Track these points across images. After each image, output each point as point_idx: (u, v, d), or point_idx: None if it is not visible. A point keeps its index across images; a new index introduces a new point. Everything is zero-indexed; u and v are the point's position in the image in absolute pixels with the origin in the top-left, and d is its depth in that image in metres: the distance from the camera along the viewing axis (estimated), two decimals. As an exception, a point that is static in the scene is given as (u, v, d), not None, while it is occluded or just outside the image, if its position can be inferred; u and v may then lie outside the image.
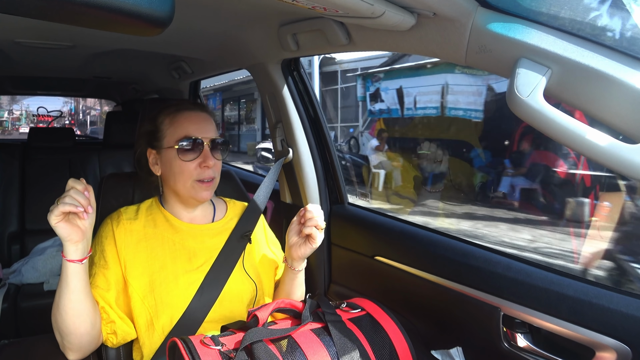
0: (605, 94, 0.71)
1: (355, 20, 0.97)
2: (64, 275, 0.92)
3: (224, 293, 1.08)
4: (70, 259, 0.90)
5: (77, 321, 0.94)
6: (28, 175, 2.65)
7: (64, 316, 0.93)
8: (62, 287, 0.92)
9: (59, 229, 0.87)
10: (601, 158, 0.70)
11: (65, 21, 0.53)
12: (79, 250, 0.90)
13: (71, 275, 0.91)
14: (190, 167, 1.08)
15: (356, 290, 1.51)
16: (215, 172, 1.11)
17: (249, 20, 1.35)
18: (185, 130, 1.08)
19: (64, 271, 0.91)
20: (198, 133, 1.08)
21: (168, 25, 0.57)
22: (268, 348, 0.83)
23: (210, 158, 1.08)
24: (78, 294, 0.93)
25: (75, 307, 0.93)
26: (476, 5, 0.83)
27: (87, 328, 0.96)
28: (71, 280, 0.91)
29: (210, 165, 1.08)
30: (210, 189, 1.11)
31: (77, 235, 0.89)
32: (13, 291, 2.07)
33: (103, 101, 25.90)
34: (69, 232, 0.88)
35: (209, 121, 1.13)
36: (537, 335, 1.03)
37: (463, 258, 1.17)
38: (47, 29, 1.48)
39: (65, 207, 0.85)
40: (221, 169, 1.16)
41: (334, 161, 1.64)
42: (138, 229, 1.10)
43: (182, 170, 1.08)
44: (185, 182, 1.09)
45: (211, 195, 1.12)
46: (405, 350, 0.93)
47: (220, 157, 1.12)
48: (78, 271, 0.92)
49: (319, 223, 1.06)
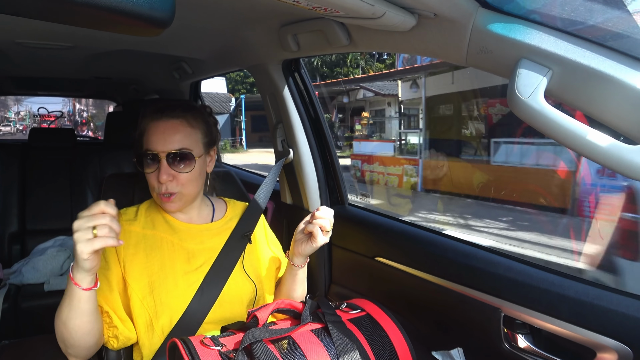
0: (606, 94, 0.71)
1: (355, 21, 0.97)
2: (75, 302, 0.88)
3: (223, 294, 1.08)
4: (86, 287, 0.87)
5: (86, 338, 0.94)
6: (28, 176, 2.65)
7: (73, 334, 0.92)
8: (72, 310, 0.89)
9: (90, 262, 0.82)
10: (602, 159, 0.70)
11: (66, 22, 0.53)
12: (94, 277, 0.88)
13: (84, 302, 0.88)
14: (152, 180, 1.07)
15: (357, 291, 1.51)
16: (176, 186, 1.06)
17: (250, 20, 1.35)
18: (147, 142, 1.06)
19: (74, 297, 0.87)
20: (155, 146, 1.04)
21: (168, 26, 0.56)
22: (268, 348, 0.83)
23: (164, 172, 1.03)
24: (90, 316, 0.91)
25: (85, 327, 0.92)
26: (477, 6, 0.83)
27: (96, 340, 0.97)
28: (84, 305, 0.89)
29: (163, 181, 1.04)
30: (175, 203, 1.08)
31: (98, 264, 0.86)
32: (13, 291, 2.07)
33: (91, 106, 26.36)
34: (95, 264, 0.84)
35: (176, 129, 1.06)
36: (537, 336, 1.03)
37: (464, 259, 1.17)
38: (47, 29, 1.48)
39: (107, 241, 0.81)
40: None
41: (334, 161, 1.64)
42: (137, 230, 1.10)
43: (148, 181, 1.08)
44: (152, 193, 1.10)
45: (179, 207, 1.10)
46: (405, 351, 0.93)
47: (184, 170, 1.06)
48: (92, 297, 0.90)
49: (324, 224, 1.06)
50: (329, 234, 1.08)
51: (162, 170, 1.04)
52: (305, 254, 1.13)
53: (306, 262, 1.16)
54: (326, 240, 1.08)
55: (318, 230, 1.06)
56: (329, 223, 1.07)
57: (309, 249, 1.09)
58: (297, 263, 1.14)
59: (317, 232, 1.06)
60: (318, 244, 1.07)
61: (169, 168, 1.04)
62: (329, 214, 1.08)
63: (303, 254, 1.12)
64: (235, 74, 22.64)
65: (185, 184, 1.07)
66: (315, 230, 1.06)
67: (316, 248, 1.09)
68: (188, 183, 1.08)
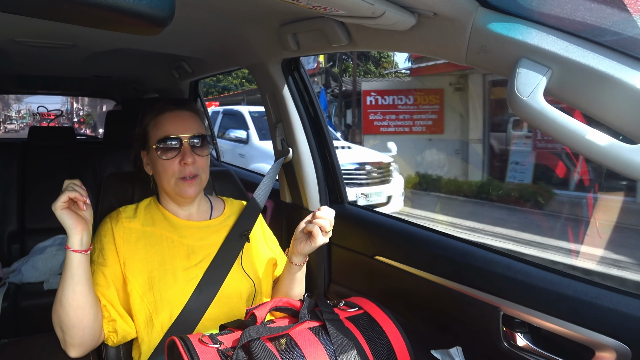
0: (606, 94, 0.71)
1: (355, 20, 0.97)
2: (68, 267, 0.94)
3: (222, 291, 1.09)
4: (76, 249, 0.93)
5: (80, 314, 0.95)
6: (28, 175, 2.65)
7: (67, 309, 0.94)
8: (66, 279, 0.94)
9: (64, 216, 0.91)
10: (601, 158, 0.70)
11: (66, 20, 0.53)
12: (84, 240, 0.93)
13: (76, 267, 0.93)
14: (172, 166, 1.09)
15: (356, 290, 1.51)
16: (197, 168, 1.11)
17: (250, 19, 1.35)
18: (165, 130, 1.10)
19: (68, 262, 0.94)
20: (176, 132, 1.10)
21: (168, 25, 0.57)
22: (266, 346, 0.83)
23: (189, 155, 1.09)
24: (82, 286, 0.95)
25: (79, 299, 0.94)
26: (476, 5, 0.83)
27: (90, 321, 0.97)
28: (76, 271, 0.94)
29: (189, 162, 1.08)
30: (195, 186, 1.11)
31: (82, 224, 0.92)
32: (13, 290, 2.07)
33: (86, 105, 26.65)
34: (74, 220, 0.92)
35: (191, 119, 1.13)
36: (536, 335, 1.03)
37: (463, 258, 1.18)
38: (47, 28, 1.48)
39: (71, 193, 0.90)
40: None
41: (333, 161, 1.64)
42: (137, 227, 1.10)
43: (165, 169, 1.10)
44: (169, 181, 1.10)
45: (197, 191, 1.12)
46: (403, 349, 0.93)
47: (203, 153, 1.12)
48: (82, 262, 0.94)
49: (324, 225, 1.06)
50: (328, 234, 1.08)
51: (187, 153, 1.09)
52: (304, 253, 1.13)
53: (305, 261, 1.16)
54: (325, 241, 1.08)
55: (318, 230, 1.06)
56: (329, 224, 1.07)
57: (308, 248, 1.10)
58: (295, 262, 1.15)
59: (316, 232, 1.06)
60: (317, 243, 1.07)
61: (192, 151, 1.09)
62: (329, 215, 1.07)
63: (302, 252, 1.12)
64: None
65: (204, 167, 1.13)
66: (314, 230, 1.06)
67: (315, 248, 1.09)
68: (205, 167, 1.14)
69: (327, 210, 1.08)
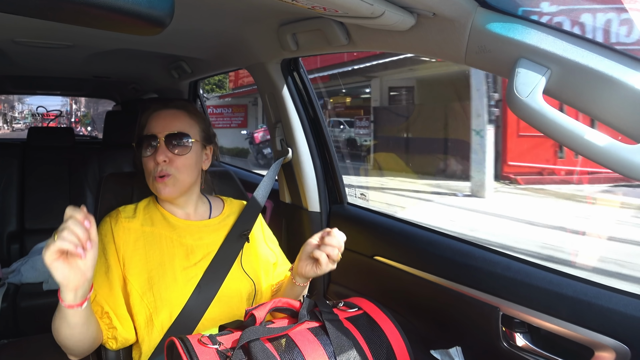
0: (605, 94, 0.71)
1: (355, 20, 0.97)
2: (62, 315, 0.84)
3: (222, 291, 1.09)
4: (69, 305, 0.81)
5: (78, 344, 0.94)
6: (27, 175, 2.65)
7: (66, 342, 0.92)
8: (61, 324, 0.87)
9: (54, 269, 0.75)
10: (600, 158, 0.70)
11: (65, 21, 0.53)
12: (79, 295, 0.81)
13: (71, 318, 0.85)
14: (149, 164, 1.08)
15: (355, 290, 1.51)
16: (172, 168, 1.07)
17: (249, 19, 1.35)
18: (147, 128, 1.10)
19: (61, 312, 0.84)
20: (156, 129, 1.08)
21: (167, 25, 0.57)
22: (265, 347, 0.83)
23: (160, 153, 1.06)
24: (80, 328, 0.89)
25: (77, 336, 0.91)
26: (476, 5, 0.83)
27: (91, 343, 0.97)
28: (71, 320, 0.86)
29: (159, 161, 1.05)
30: (169, 186, 1.07)
31: (77, 279, 0.78)
32: (12, 291, 2.07)
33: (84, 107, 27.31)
34: (66, 275, 0.76)
35: (174, 117, 1.10)
36: (536, 335, 1.03)
37: (462, 258, 1.18)
38: (46, 28, 1.48)
39: (63, 243, 0.74)
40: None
41: (333, 161, 1.64)
42: (136, 227, 1.10)
43: (145, 167, 1.10)
44: (148, 179, 1.10)
45: (173, 192, 1.09)
46: (403, 349, 0.93)
47: (181, 152, 1.08)
48: (78, 313, 0.84)
49: (332, 254, 1.00)
50: (335, 262, 1.03)
51: (160, 150, 1.06)
52: (308, 277, 1.08)
53: (307, 284, 1.13)
54: (332, 268, 1.02)
55: (325, 259, 1.00)
56: (338, 253, 1.01)
57: (312, 273, 1.05)
58: (299, 282, 1.11)
59: (324, 260, 1.00)
60: (323, 271, 1.03)
61: (167, 149, 1.07)
62: (339, 242, 1.01)
63: (305, 275, 1.07)
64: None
65: (180, 168, 1.08)
66: (322, 258, 1.00)
67: (320, 274, 1.05)
68: (183, 168, 1.09)
69: (337, 238, 1.01)
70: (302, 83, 1.61)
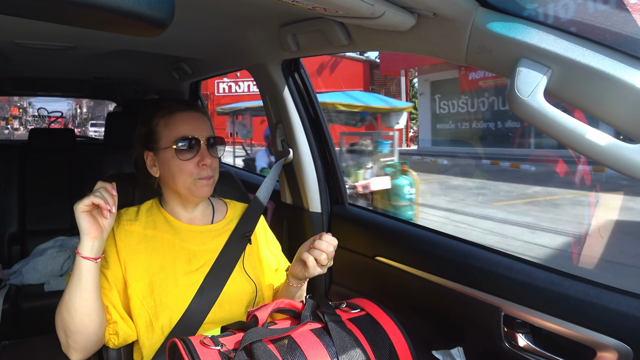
0: (606, 93, 0.71)
1: (355, 21, 0.97)
2: (76, 272, 0.92)
3: (223, 294, 1.08)
4: (86, 256, 0.92)
5: (86, 320, 0.94)
6: (28, 176, 2.66)
7: (74, 314, 0.93)
8: (73, 284, 0.93)
9: (82, 219, 0.90)
10: (602, 158, 0.70)
11: (66, 22, 0.53)
12: (95, 247, 0.92)
13: (85, 273, 0.92)
14: (189, 166, 1.09)
15: (357, 291, 1.51)
16: (213, 170, 1.11)
17: (249, 20, 1.35)
18: (181, 130, 1.09)
19: (77, 268, 0.92)
20: (194, 132, 1.09)
21: (168, 26, 0.56)
22: (267, 348, 0.83)
23: (207, 156, 1.09)
24: (90, 292, 0.93)
25: (86, 305, 0.93)
26: (476, 5, 0.83)
27: (96, 327, 0.96)
28: (84, 277, 0.92)
29: (208, 164, 1.09)
30: (210, 186, 1.12)
31: (97, 231, 0.91)
32: (14, 292, 2.07)
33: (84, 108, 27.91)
34: (90, 226, 0.91)
35: (203, 120, 1.14)
36: (538, 335, 1.03)
37: (464, 258, 1.17)
38: (46, 29, 1.48)
39: (96, 199, 0.90)
40: (219, 169, 1.16)
41: (334, 161, 1.64)
42: (138, 230, 1.10)
43: (180, 170, 1.08)
44: (185, 181, 1.09)
45: (211, 191, 1.13)
46: (405, 350, 0.93)
47: (217, 155, 1.13)
48: (91, 269, 0.93)
49: (319, 258, 1.00)
50: (325, 267, 1.03)
51: (205, 153, 1.10)
52: (299, 278, 1.09)
53: (301, 285, 1.13)
54: (322, 272, 1.03)
55: (313, 262, 1.01)
56: (325, 257, 1.00)
57: (301, 275, 1.06)
58: (292, 282, 1.12)
59: (311, 263, 1.01)
60: (310, 275, 1.04)
61: (208, 152, 1.11)
62: (327, 247, 1.01)
63: (297, 276, 1.08)
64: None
65: (216, 169, 1.14)
66: (309, 261, 1.01)
67: (310, 277, 1.06)
68: (218, 169, 1.15)
69: (327, 241, 1.01)
70: (303, 83, 1.61)
